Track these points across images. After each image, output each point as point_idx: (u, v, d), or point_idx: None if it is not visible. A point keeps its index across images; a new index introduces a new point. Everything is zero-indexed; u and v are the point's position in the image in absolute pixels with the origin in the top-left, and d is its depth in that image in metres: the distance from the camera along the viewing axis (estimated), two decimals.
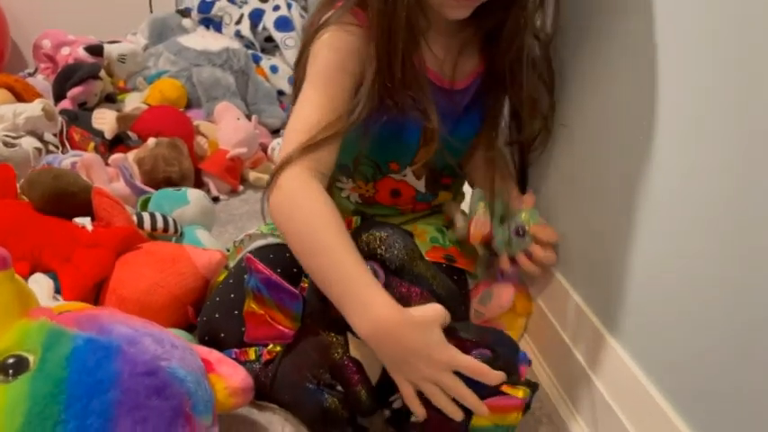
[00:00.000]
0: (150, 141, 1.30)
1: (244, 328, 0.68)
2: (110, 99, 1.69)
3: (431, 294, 0.60)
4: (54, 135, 1.34)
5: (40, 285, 0.78)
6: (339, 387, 0.65)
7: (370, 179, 0.86)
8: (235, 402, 0.63)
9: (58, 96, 1.59)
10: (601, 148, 0.72)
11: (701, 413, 0.55)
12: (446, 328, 0.59)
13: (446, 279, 0.62)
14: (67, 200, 0.91)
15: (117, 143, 1.40)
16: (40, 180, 0.91)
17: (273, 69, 1.94)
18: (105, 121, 1.44)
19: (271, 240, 0.84)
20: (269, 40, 2.07)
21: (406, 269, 0.60)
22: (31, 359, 0.49)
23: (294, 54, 1.44)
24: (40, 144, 1.26)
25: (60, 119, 1.37)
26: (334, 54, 0.70)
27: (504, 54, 0.75)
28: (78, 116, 1.48)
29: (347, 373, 0.64)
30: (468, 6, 0.69)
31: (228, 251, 0.94)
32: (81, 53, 1.70)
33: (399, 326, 0.57)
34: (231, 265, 0.89)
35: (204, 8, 2.07)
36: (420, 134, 0.77)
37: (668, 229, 0.59)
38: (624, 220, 0.65)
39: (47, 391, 0.46)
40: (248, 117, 1.59)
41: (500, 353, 0.59)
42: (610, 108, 0.70)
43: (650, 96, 0.60)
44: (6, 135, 1.21)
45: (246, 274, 0.66)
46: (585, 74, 0.75)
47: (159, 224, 0.96)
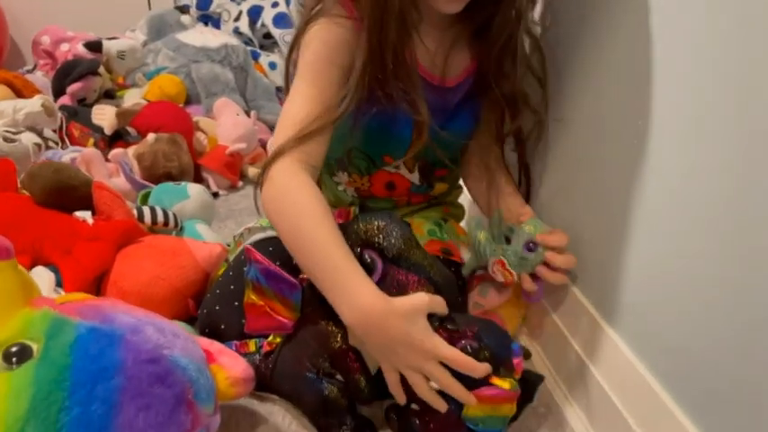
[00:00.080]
0: (150, 137, 1.30)
1: (244, 320, 0.69)
2: (109, 95, 1.69)
3: (428, 282, 0.61)
4: (53, 131, 1.34)
5: (41, 278, 0.79)
6: (339, 376, 0.66)
7: (365, 173, 0.87)
8: (236, 392, 0.63)
9: (58, 92, 1.59)
10: (600, 145, 0.72)
11: (697, 400, 0.55)
12: (433, 319, 0.60)
13: (443, 267, 0.63)
14: (68, 193, 0.92)
15: (116, 139, 1.40)
16: (40, 174, 0.92)
17: (272, 66, 1.94)
18: (105, 116, 1.44)
19: (270, 233, 0.85)
20: (267, 36, 2.07)
21: (404, 257, 0.61)
22: (34, 347, 0.49)
23: None
24: (39, 140, 1.26)
25: (60, 115, 1.37)
26: (323, 46, 0.71)
27: (493, 46, 0.76)
28: (78, 112, 1.48)
29: (346, 361, 0.64)
30: (461, 0, 0.70)
31: (229, 246, 0.94)
32: (80, 49, 1.69)
33: (384, 314, 0.58)
34: (231, 258, 0.90)
35: (203, 5, 2.07)
36: (413, 127, 0.77)
37: (667, 225, 0.59)
38: (622, 216, 0.65)
39: (51, 377, 0.47)
40: (247, 113, 1.59)
41: (487, 344, 0.60)
42: (607, 106, 0.70)
43: (648, 95, 0.60)
44: (6, 131, 1.21)
45: (246, 265, 0.67)
46: (584, 72, 0.75)
47: (159, 218, 0.97)
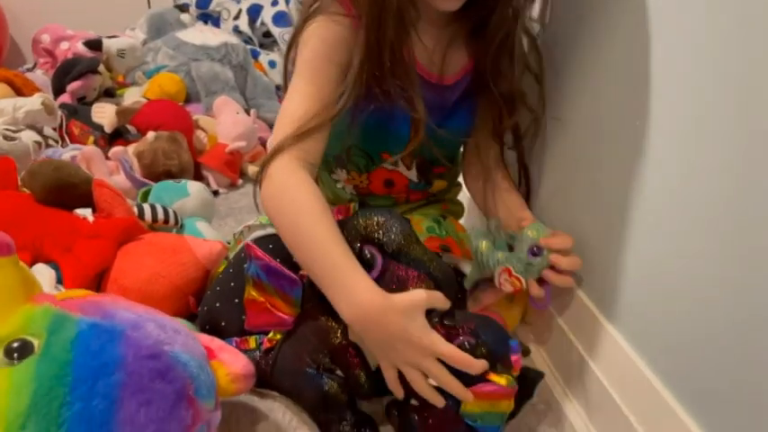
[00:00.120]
0: (150, 135, 1.30)
1: (244, 317, 0.69)
2: (109, 93, 1.69)
3: (428, 277, 0.61)
4: (53, 129, 1.34)
5: (41, 276, 0.79)
6: (339, 372, 0.66)
7: (364, 170, 0.87)
8: (237, 388, 0.63)
9: (58, 91, 1.60)
10: (598, 145, 0.72)
11: (698, 397, 0.55)
12: (431, 316, 0.60)
13: (443, 262, 0.63)
14: (68, 191, 0.92)
15: (116, 137, 1.40)
16: (40, 171, 0.92)
17: (272, 64, 1.94)
18: (105, 114, 1.44)
19: (270, 231, 0.85)
20: (267, 35, 2.07)
21: (404, 253, 0.61)
22: (35, 343, 0.49)
23: None
24: (39, 138, 1.26)
25: (60, 113, 1.38)
26: (321, 44, 0.72)
27: (490, 44, 0.76)
28: (78, 110, 1.49)
29: (346, 357, 0.65)
30: None
31: (229, 243, 0.95)
32: (80, 48, 1.70)
33: (382, 310, 0.58)
34: (231, 256, 0.90)
35: (202, 3, 2.07)
36: (410, 124, 0.77)
37: (666, 224, 0.59)
38: (622, 215, 0.65)
39: (52, 373, 0.47)
40: (247, 111, 1.59)
41: (484, 340, 0.60)
42: (605, 105, 0.70)
43: (647, 95, 0.60)
44: (6, 129, 1.22)
45: (246, 262, 0.67)
46: (582, 72, 0.75)
47: (160, 215, 0.97)
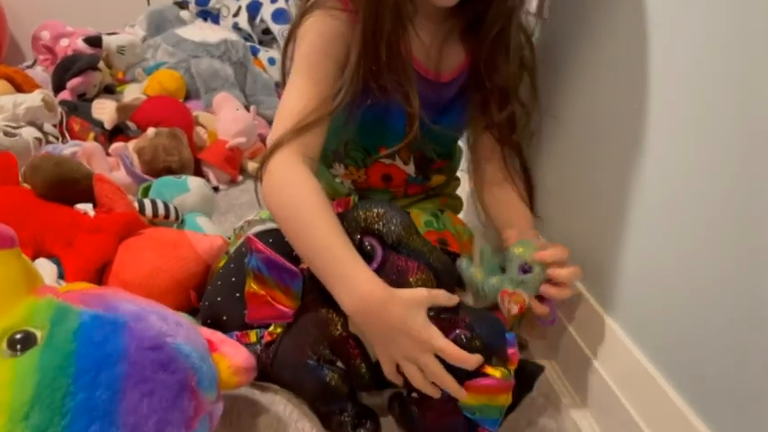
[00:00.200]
0: (150, 131, 1.31)
1: (246, 311, 0.69)
2: (109, 90, 1.70)
3: (428, 268, 0.61)
4: (54, 126, 1.34)
5: (43, 270, 0.79)
6: (339, 363, 0.66)
7: (361, 165, 0.88)
8: (238, 381, 0.64)
9: (58, 87, 1.60)
10: (597, 142, 0.73)
11: (698, 389, 0.56)
12: (429, 309, 0.60)
13: (442, 253, 0.63)
14: (69, 186, 0.92)
15: (116, 133, 1.40)
16: (41, 167, 0.92)
17: (271, 61, 1.95)
18: (105, 110, 1.45)
19: (270, 225, 0.85)
20: (266, 32, 2.08)
21: (403, 244, 0.62)
22: (38, 334, 0.50)
23: None
24: (40, 134, 1.26)
25: (60, 109, 1.38)
26: (318, 38, 0.72)
27: (485, 38, 0.76)
28: (78, 107, 1.49)
29: (347, 348, 0.65)
30: None
31: (229, 239, 0.95)
32: (80, 44, 1.70)
33: (383, 302, 0.59)
34: (232, 251, 0.90)
35: (202, 0, 2.08)
36: (406, 119, 0.78)
37: (665, 220, 0.59)
38: (621, 211, 0.66)
39: (56, 364, 0.47)
40: (247, 108, 1.59)
41: (479, 333, 0.60)
42: (605, 102, 0.70)
43: (645, 93, 0.61)
44: (7, 125, 1.22)
45: (247, 257, 0.67)
46: (579, 71, 0.76)
47: (160, 211, 0.97)
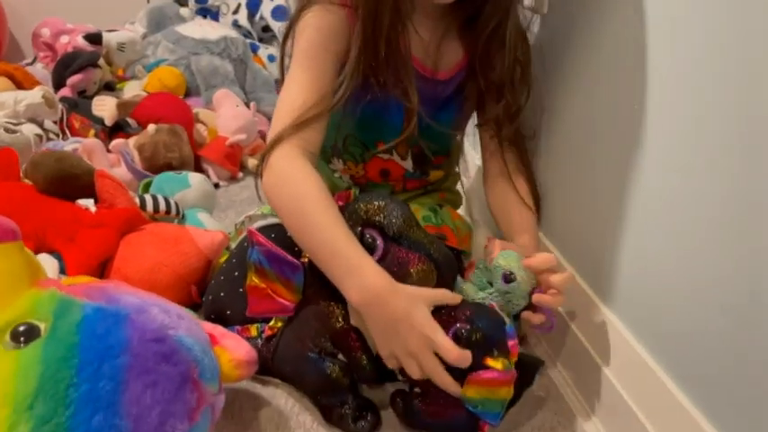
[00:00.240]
0: (150, 128, 1.31)
1: None
2: (109, 87, 1.70)
3: (428, 259, 0.62)
4: (54, 122, 1.35)
5: (44, 265, 0.79)
6: (341, 356, 0.67)
7: (359, 160, 0.88)
8: (239, 374, 0.64)
9: (58, 84, 1.60)
10: (596, 137, 0.73)
11: (695, 376, 0.56)
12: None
13: (443, 245, 0.64)
14: (70, 182, 0.93)
15: (117, 130, 1.40)
16: (43, 162, 0.92)
17: (271, 59, 1.95)
18: (105, 107, 1.44)
19: (271, 220, 0.86)
20: (266, 29, 2.08)
21: (404, 235, 0.63)
22: (42, 327, 0.50)
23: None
24: (40, 131, 1.27)
25: (60, 106, 1.38)
26: (317, 33, 0.73)
27: (482, 33, 0.77)
28: (78, 104, 1.49)
29: (348, 340, 0.65)
30: None
31: (230, 234, 0.95)
32: (80, 41, 1.70)
33: (389, 293, 0.60)
34: (233, 246, 0.90)
35: None
36: (404, 115, 0.79)
37: (664, 214, 0.59)
38: (620, 210, 0.66)
39: (59, 355, 0.48)
40: (247, 105, 1.59)
41: (479, 326, 0.61)
42: (604, 100, 0.71)
43: (643, 89, 0.61)
44: (7, 122, 1.22)
45: (248, 249, 0.67)
46: (577, 70, 0.76)
47: (161, 206, 0.97)
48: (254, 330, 0.75)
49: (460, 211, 1.00)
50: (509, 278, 0.67)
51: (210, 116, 1.53)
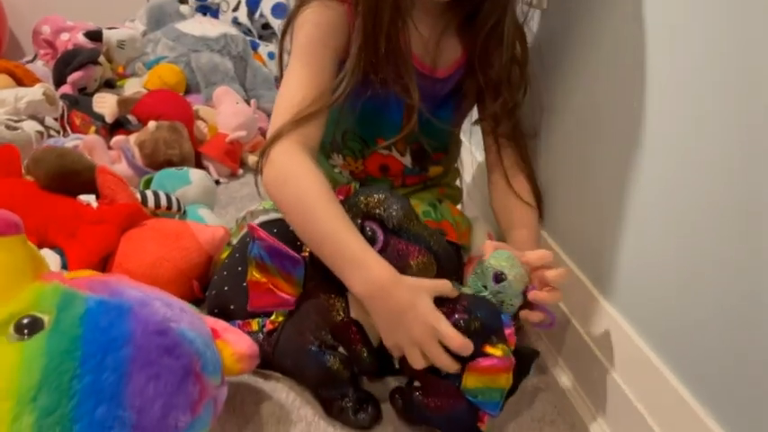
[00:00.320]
0: (151, 125, 1.31)
1: None
2: (109, 84, 1.70)
3: (428, 251, 0.62)
4: (55, 119, 1.35)
5: (47, 260, 0.80)
6: (341, 349, 0.67)
7: (359, 155, 0.89)
8: (241, 368, 0.65)
9: (58, 82, 1.60)
10: (595, 133, 0.73)
11: (691, 365, 0.56)
12: None
13: (442, 238, 0.64)
14: (72, 178, 0.93)
15: (117, 127, 1.40)
16: (44, 158, 0.93)
17: (271, 56, 1.95)
18: (106, 104, 1.45)
19: (273, 216, 0.86)
20: (266, 27, 2.08)
21: (404, 228, 0.63)
22: (45, 319, 0.51)
23: None
24: (41, 128, 1.27)
25: (61, 103, 1.38)
26: (315, 29, 0.73)
27: (481, 30, 0.77)
28: (79, 101, 1.49)
29: (348, 333, 0.66)
30: None
31: (231, 230, 0.95)
32: (80, 39, 1.70)
33: (393, 284, 0.61)
34: (234, 242, 0.91)
35: None
36: (403, 111, 0.79)
37: (664, 212, 0.60)
38: (620, 208, 0.66)
39: (63, 348, 0.48)
40: (247, 102, 1.60)
41: (477, 315, 0.62)
42: (603, 97, 0.71)
43: (644, 90, 0.61)
44: (8, 119, 1.22)
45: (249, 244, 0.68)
46: (576, 69, 0.76)
47: (162, 202, 0.98)
48: (255, 325, 0.76)
49: (460, 206, 1.00)
50: (500, 278, 0.66)
51: (211, 113, 1.53)
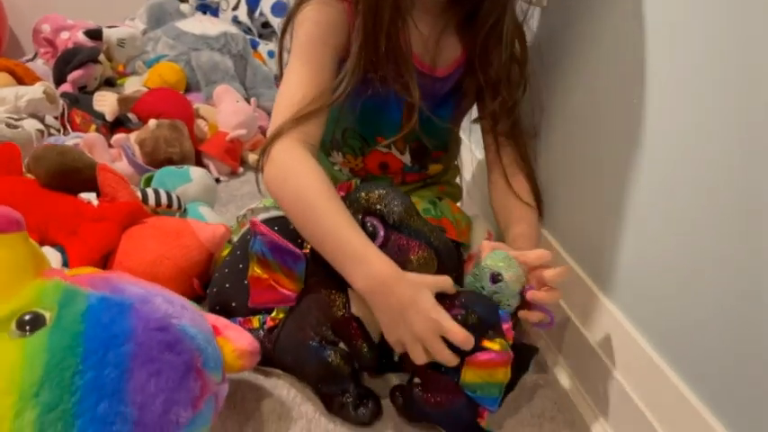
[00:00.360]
0: (151, 123, 1.31)
1: None
2: (109, 83, 1.70)
3: (428, 247, 0.63)
4: (55, 118, 1.35)
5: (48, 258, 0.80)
6: (341, 344, 0.67)
7: (359, 153, 0.89)
8: (242, 364, 0.65)
9: (59, 80, 1.60)
10: (596, 130, 0.73)
11: (689, 359, 0.56)
12: None
13: (442, 234, 0.65)
14: (72, 176, 0.93)
15: (117, 125, 1.41)
16: (45, 156, 0.93)
17: (271, 54, 1.95)
18: (106, 102, 1.45)
19: (274, 213, 0.86)
20: (266, 25, 2.08)
21: (405, 224, 0.64)
22: (47, 316, 0.51)
23: None
24: (42, 126, 1.27)
25: (61, 102, 1.38)
26: (315, 27, 0.73)
27: (480, 29, 0.77)
28: (79, 99, 1.50)
29: (349, 329, 0.66)
30: None
31: (232, 228, 0.96)
32: (80, 37, 1.70)
33: (394, 280, 0.61)
34: (235, 240, 0.91)
35: None
36: (403, 110, 0.79)
37: (664, 211, 0.60)
38: (620, 207, 0.66)
39: (65, 344, 0.48)
40: (247, 100, 1.60)
41: (474, 310, 0.62)
42: (603, 93, 0.71)
43: (644, 89, 0.61)
44: (9, 117, 1.22)
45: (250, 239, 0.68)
46: (576, 68, 0.76)
47: (163, 200, 0.98)
48: (256, 322, 0.76)
49: (459, 204, 1.01)
50: (496, 279, 0.65)
51: (211, 111, 1.53)
